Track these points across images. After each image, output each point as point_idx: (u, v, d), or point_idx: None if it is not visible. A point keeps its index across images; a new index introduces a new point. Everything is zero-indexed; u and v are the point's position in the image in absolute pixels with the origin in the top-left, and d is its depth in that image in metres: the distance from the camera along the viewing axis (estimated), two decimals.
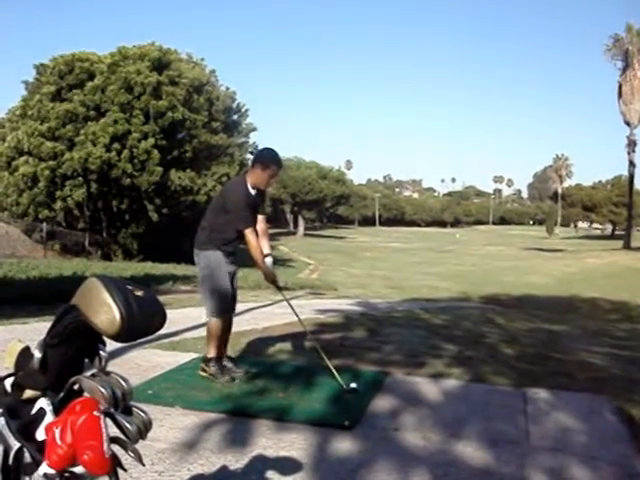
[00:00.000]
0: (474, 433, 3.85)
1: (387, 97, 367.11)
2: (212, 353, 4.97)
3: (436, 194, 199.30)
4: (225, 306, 4.96)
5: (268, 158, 5.05)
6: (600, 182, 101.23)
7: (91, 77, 28.14)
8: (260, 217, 5.14)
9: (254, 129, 36.42)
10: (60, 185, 26.82)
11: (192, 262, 5.32)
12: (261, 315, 8.95)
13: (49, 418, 1.27)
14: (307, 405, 4.30)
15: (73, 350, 1.31)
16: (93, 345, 1.33)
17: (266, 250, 5.05)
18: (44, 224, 27.30)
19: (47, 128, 26.71)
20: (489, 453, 3.53)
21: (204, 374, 4.93)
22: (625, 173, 63.84)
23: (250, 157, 31.20)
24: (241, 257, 5.25)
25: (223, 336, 5.05)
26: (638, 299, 20.73)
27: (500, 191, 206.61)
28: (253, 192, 4.98)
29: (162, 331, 1.40)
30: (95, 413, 1.21)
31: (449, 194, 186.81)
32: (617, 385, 5.20)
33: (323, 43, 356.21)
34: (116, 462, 1.28)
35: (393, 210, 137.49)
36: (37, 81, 29.45)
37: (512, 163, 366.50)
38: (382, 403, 4.45)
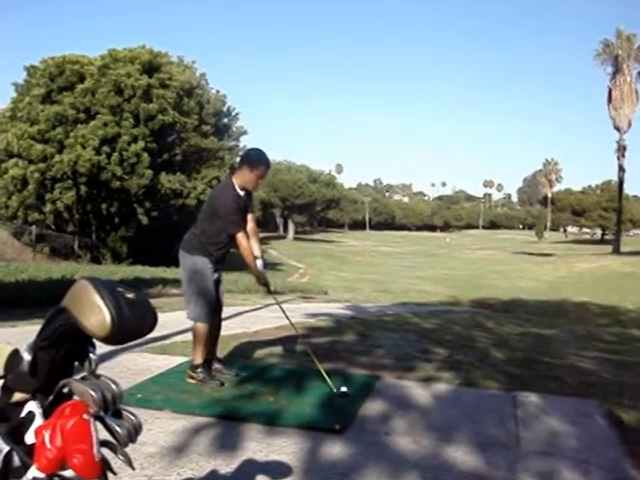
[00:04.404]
0: (464, 437, 3.85)
1: (378, 101, 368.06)
2: (199, 359, 4.93)
3: (426, 198, 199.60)
4: (210, 311, 4.92)
5: (256, 158, 4.98)
6: (589, 187, 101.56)
7: (81, 79, 28.06)
8: (250, 216, 5.08)
9: (244, 132, 36.46)
10: (49, 188, 26.72)
11: None
12: (251, 318, 8.92)
13: (38, 421, 1.26)
14: (297, 409, 4.29)
15: (63, 353, 1.30)
16: (83, 348, 1.32)
17: (256, 252, 5.01)
18: (33, 227, 27.12)
19: (37, 130, 26.59)
20: (479, 457, 3.53)
21: (192, 381, 4.88)
22: (614, 178, 64.24)
23: None
24: (231, 260, 5.23)
25: (209, 341, 5.01)
26: (627, 303, 20.86)
27: (490, 195, 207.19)
28: (242, 193, 4.94)
29: (152, 334, 1.40)
30: (85, 416, 1.20)
31: (439, 198, 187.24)
32: (607, 389, 5.22)
33: (313, 47, 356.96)
34: (106, 466, 1.27)
35: (383, 214, 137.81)
36: (27, 83, 29.31)
37: (502, 168, 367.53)
38: (373, 407, 4.45)
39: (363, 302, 16.38)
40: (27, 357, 1.28)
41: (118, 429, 1.26)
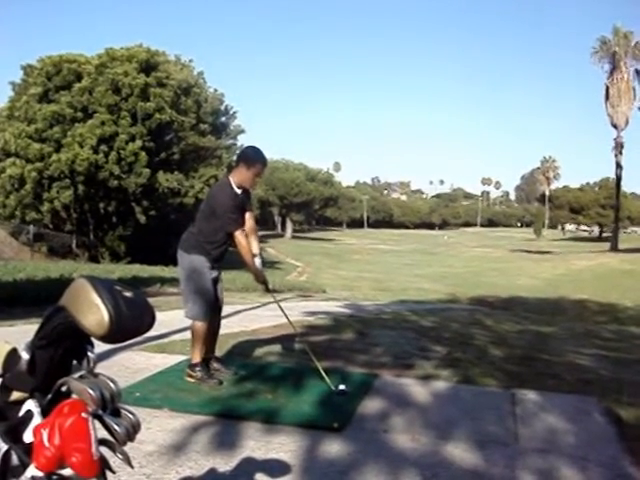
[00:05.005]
0: (463, 434, 3.85)
1: (375, 99, 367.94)
2: (197, 358, 4.93)
3: (424, 196, 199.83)
4: (208, 310, 4.92)
5: (252, 156, 4.98)
6: (587, 184, 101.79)
7: (79, 78, 27.99)
8: (247, 214, 5.08)
9: (242, 131, 36.37)
10: (47, 187, 26.66)
11: None
12: (249, 317, 8.92)
13: (37, 420, 1.25)
14: (296, 407, 4.29)
15: (61, 351, 1.30)
16: (81, 346, 1.32)
17: (255, 250, 5.01)
18: (31, 226, 27.11)
19: (34, 129, 26.53)
20: (478, 454, 3.53)
21: (190, 380, 4.88)
22: (612, 175, 64.29)
23: None
24: (229, 259, 5.23)
25: (208, 339, 5.01)
26: (626, 301, 20.86)
27: (488, 193, 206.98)
28: (239, 192, 4.93)
29: (150, 333, 1.39)
30: (83, 415, 1.20)
31: (437, 196, 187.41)
32: (605, 386, 5.22)
33: (309, 43, 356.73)
34: (104, 464, 1.26)
35: (381, 212, 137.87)
36: (24, 82, 29.24)
37: (500, 165, 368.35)
38: (371, 405, 4.45)
39: (361, 300, 16.37)
40: (25, 356, 1.28)
41: (116, 427, 1.25)
